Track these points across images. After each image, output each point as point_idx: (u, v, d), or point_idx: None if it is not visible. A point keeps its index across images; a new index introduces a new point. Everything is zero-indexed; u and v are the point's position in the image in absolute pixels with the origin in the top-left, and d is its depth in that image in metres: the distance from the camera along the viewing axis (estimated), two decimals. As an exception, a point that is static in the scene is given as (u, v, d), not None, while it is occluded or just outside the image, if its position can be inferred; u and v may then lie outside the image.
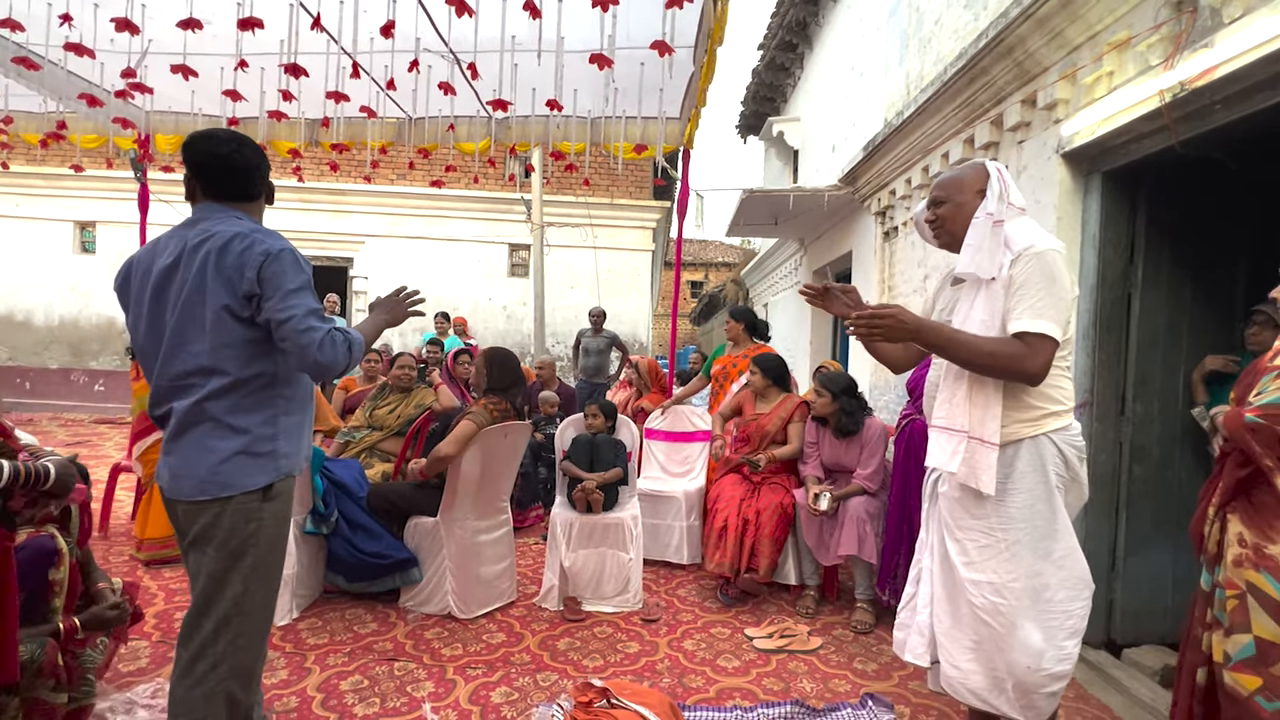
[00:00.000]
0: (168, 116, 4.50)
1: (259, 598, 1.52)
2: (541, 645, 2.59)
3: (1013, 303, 1.55)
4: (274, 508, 1.51)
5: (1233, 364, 2.44)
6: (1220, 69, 1.94)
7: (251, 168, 1.59)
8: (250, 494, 1.47)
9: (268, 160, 1.64)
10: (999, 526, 1.62)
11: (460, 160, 8.67)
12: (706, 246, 24.87)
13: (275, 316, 1.43)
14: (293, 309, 1.43)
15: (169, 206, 7.70)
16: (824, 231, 6.83)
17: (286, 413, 1.53)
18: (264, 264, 1.44)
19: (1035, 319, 1.52)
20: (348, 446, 3.72)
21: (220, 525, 1.46)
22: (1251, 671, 1.29)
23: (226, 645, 1.47)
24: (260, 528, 1.49)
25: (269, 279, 1.43)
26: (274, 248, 1.46)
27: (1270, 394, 1.35)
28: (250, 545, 1.48)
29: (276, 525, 1.53)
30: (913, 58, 4.56)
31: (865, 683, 2.37)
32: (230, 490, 1.45)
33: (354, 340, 1.52)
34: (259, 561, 1.50)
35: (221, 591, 1.47)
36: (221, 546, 1.46)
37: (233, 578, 1.48)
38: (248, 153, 1.58)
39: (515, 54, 3.42)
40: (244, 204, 1.60)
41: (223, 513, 1.46)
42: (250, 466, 1.47)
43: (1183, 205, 2.55)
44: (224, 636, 1.47)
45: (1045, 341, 1.51)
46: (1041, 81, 2.82)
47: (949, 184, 1.72)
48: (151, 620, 2.63)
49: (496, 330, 9.82)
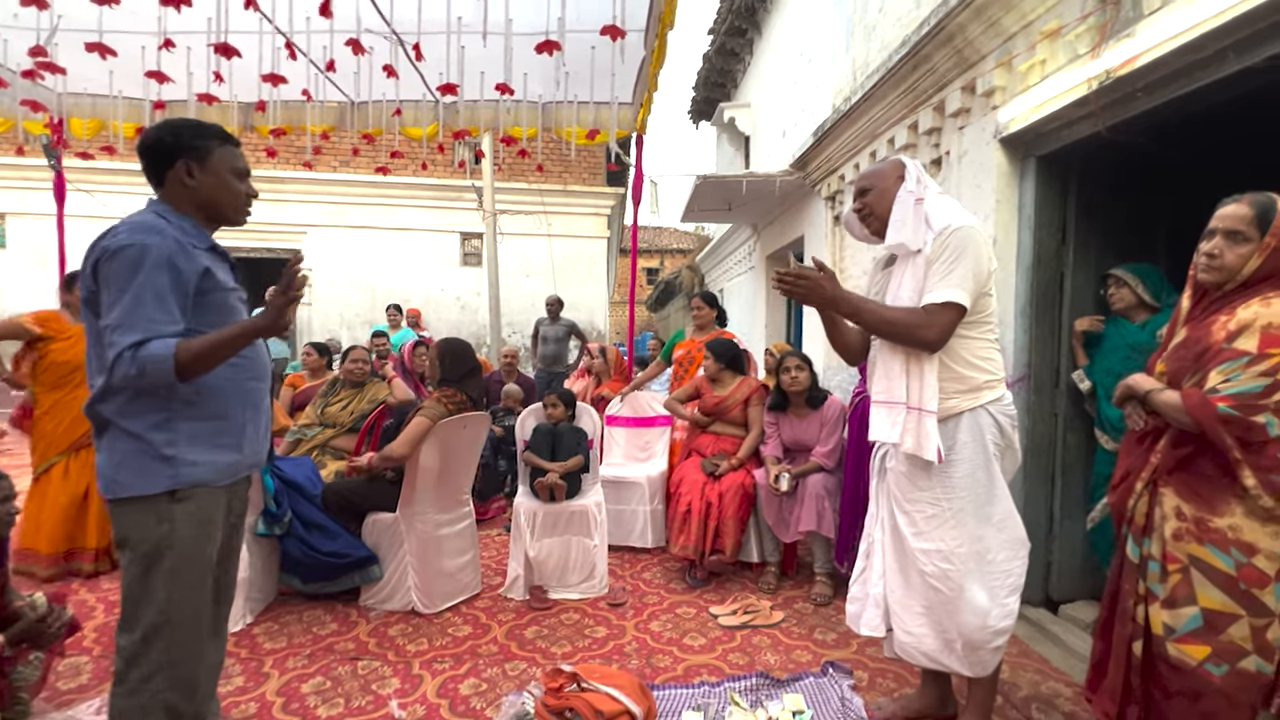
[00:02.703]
0: (83, 99, 4.19)
1: (186, 605, 1.44)
2: (509, 635, 2.59)
3: (929, 276, 1.66)
4: (188, 509, 1.42)
5: (1099, 323, 2.62)
6: (1141, 58, 2.05)
7: (155, 149, 1.46)
8: (154, 496, 1.40)
9: (185, 140, 1.46)
10: (944, 496, 1.71)
11: (407, 146, 8.41)
12: (661, 233, 24.92)
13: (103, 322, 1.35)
14: (108, 317, 1.33)
15: (89, 197, 7.21)
16: (776, 216, 6.94)
17: (188, 418, 1.42)
18: (99, 262, 1.35)
19: (945, 289, 1.62)
20: (299, 444, 3.60)
21: (131, 527, 1.40)
22: (1199, 641, 1.34)
23: (159, 654, 1.41)
24: (173, 530, 1.40)
25: (104, 279, 1.35)
26: (112, 245, 1.34)
27: (1242, 383, 1.32)
28: (165, 548, 1.40)
29: (197, 527, 1.44)
30: (858, 44, 4.65)
31: (826, 652, 2.47)
32: (129, 492, 1.39)
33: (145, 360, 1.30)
34: (179, 566, 1.42)
35: (145, 597, 1.41)
36: (135, 549, 1.41)
37: (153, 583, 1.40)
38: (154, 133, 1.47)
39: (462, 36, 3.33)
40: (159, 191, 1.50)
41: (131, 514, 1.40)
42: (145, 471, 1.39)
43: (1109, 187, 2.70)
44: (155, 645, 1.41)
45: (947, 310, 1.62)
46: (980, 69, 2.93)
47: (870, 175, 1.84)
48: (91, 635, 2.50)
49: (451, 321, 9.62)
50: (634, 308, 4.47)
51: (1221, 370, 1.36)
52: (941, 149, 3.37)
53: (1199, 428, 1.36)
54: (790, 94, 6.76)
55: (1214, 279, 1.44)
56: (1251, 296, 1.39)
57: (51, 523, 3.01)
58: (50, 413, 3.06)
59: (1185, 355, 1.46)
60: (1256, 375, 1.31)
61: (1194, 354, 1.44)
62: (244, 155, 1.56)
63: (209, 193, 1.49)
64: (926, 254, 1.67)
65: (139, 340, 1.31)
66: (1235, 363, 1.34)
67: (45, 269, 8.14)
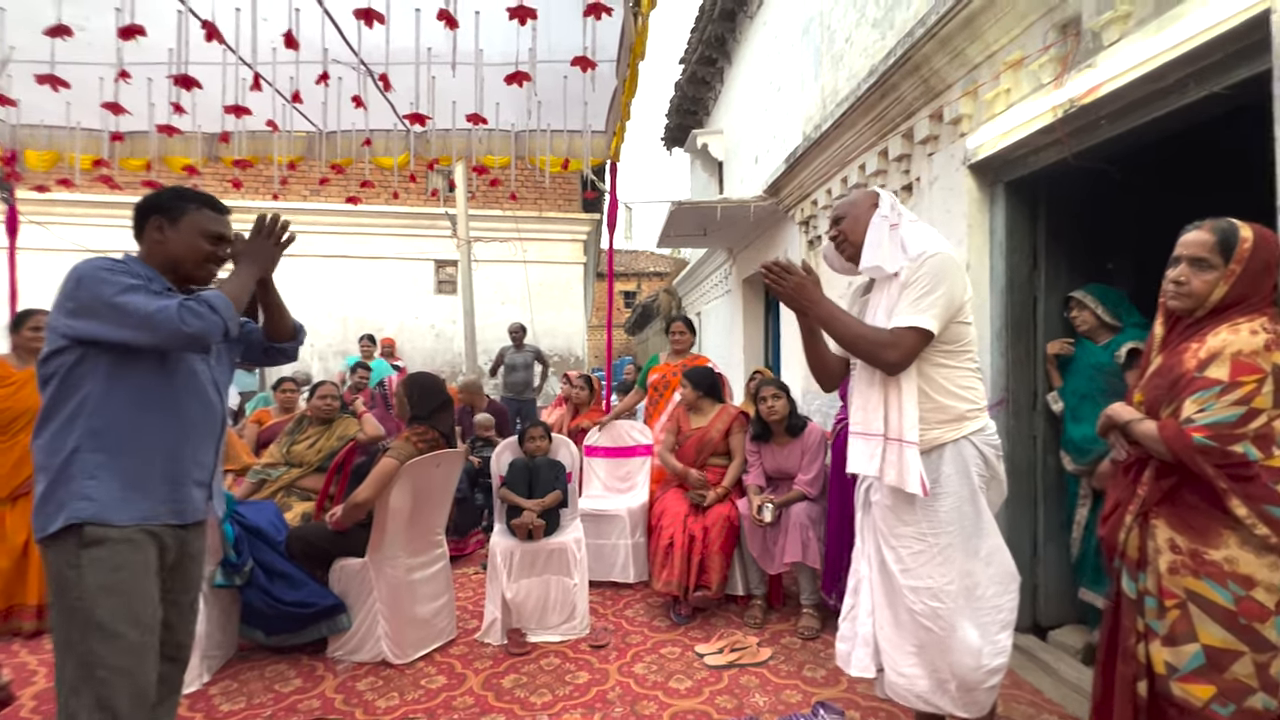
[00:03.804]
0: (39, 131, 4.06)
1: (113, 660, 1.33)
2: (485, 685, 2.46)
3: (901, 301, 1.64)
4: (95, 554, 1.33)
5: (1069, 345, 2.64)
6: (1103, 87, 2.09)
7: (138, 209, 1.55)
8: (60, 537, 1.33)
9: (164, 201, 1.55)
10: (929, 531, 1.66)
11: (378, 175, 8.33)
12: (638, 256, 25.04)
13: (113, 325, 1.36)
14: (129, 308, 1.35)
15: (43, 229, 7.01)
16: (751, 240, 6.99)
17: (93, 449, 1.37)
18: (79, 285, 1.37)
19: (912, 315, 1.61)
20: (262, 486, 3.44)
21: (49, 572, 1.36)
22: (1204, 680, 1.30)
23: (89, 712, 1.30)
24: (81, 576, 1.32)
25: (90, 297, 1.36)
26: (84, 270, 1.39)
27: (1216, 412, 1.30)
28: (75, 597, 1.32)
29: (109, 574, 1.34)
30: (827, 74, 4.74)
31: (816, 690, 2.39)
32: (40, 533, 1.35)
33: (210, 297, 1.44)
34: (99, 617, 1.32)
35: (68, 651, 1.33)
36: (53, 596, 1.36)
37: (72, 636, 1.33)
38: (151, 195, 1.57)
39: (432, 66, 3.30)
40: (138, 245, 1.56)
41: (47, 557, 1.36)
42: (48, 508, 1.35)
43: (1075, 212, 2.74)
44: (83, 699, 1.31)
45: (911, 334, 1.61)
46: (946, 97, 2.98)
47: (844, 205, 1.84)
48: (30, 703, 2.31)
49: (425, 350, 9.46)
50: (611, 333, 4.42)
51: (1196, 399, 1.34)
52: (912, 175, 3.41)
53: (1176, 458, 1.34)
54: (762, 121, 6.86)
55: (1183, 305, 1.44)
56: (1221, 323, 1.38)
57: None
58: None
59: (1160, 384, 1.45)
60: (1230, 404, 1.30)
61: (1168, 382, 1.42)
62: (227, 222, 1.62)
63: (174, 248, 1.54)
64: (902, 279, 1.66)
65: (183, 298, 1.39)
66: (1208, 392, 1.33)
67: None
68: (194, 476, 1.51)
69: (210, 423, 1.56)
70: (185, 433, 1.49)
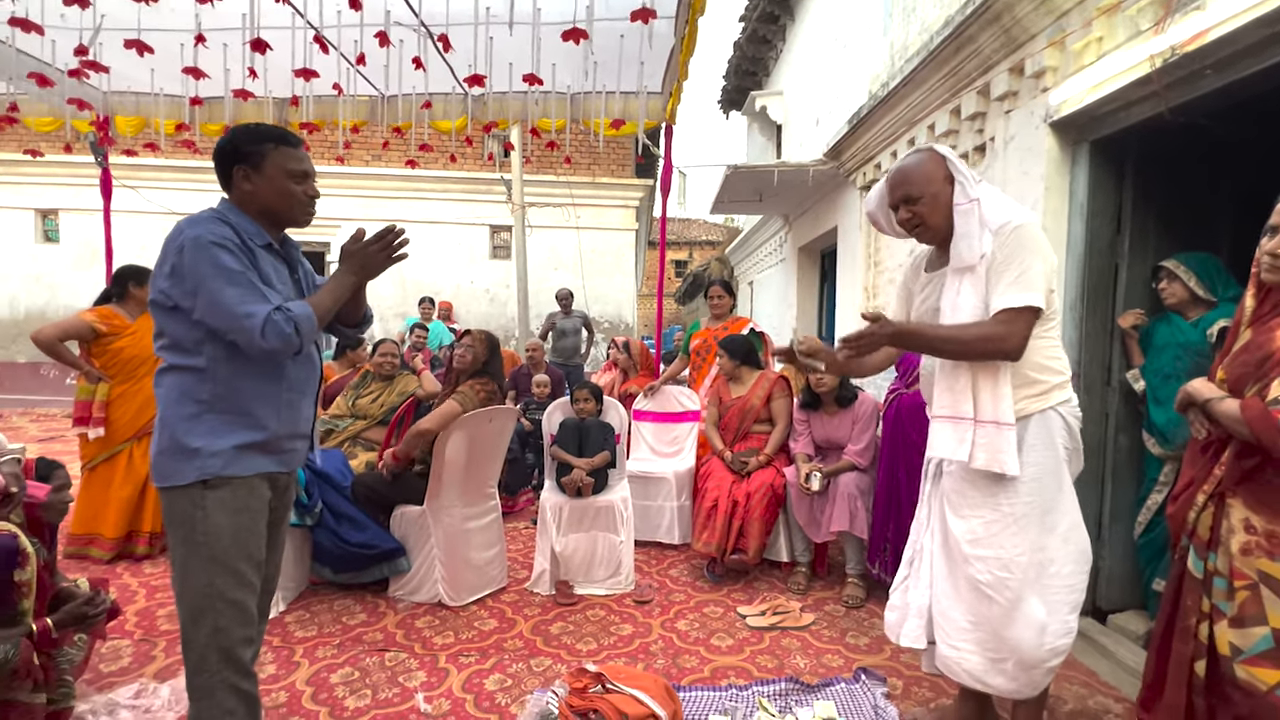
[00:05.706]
0: (127, 97, 4.31)
1: (227, 590, 1.46)
2: (534, 630, 2.57)
3: (995, 280, 1.55)
4: (220, 496, 1.45)
5: (1142, 317, 2.48)
6: (1212, 32, 1.90)
7: (218, 155, 1.54)
8: (187, 485, 1.43)
9: (240, 145, 1.52)
10: (1006, 501, 1.61)
11: (436, 139, 8.46)
12: (690, 225, 24.68)
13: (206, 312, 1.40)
14: (222, 303, 1.38)
15: (134, 193, 7.45)
16: (809, 207, 6.78)
17: (219, 412, 1.45)
18: (181, 254, 1.40)
19: (1019, 293, 1.52)
20: (330, 435, 3.65)
21: (171, 512, 1.46)
22: (1270, 664, 1.25)
23: (206, 636, 1.44)
24: (207, 516, 1.43)
25: (190, 272, 1.39)
26: (189, 238, 1.40)
27: None
28: (200, 534, 1.43)
29: (231, 515, 1.46)
30: (897, 27, 4.48)
31: (858, 657, 2.39)
32: (166, 482, 1.44)
33: (299, 317, 1.43)
34: (216, 552, 1.44)
35: (187, 581, 1.45)
36: (175, 534, 1.46)
37: (193, 566, 1.44)
38: (221, 139, 1.55)
39: (490, 27, 3.30)
40: (227, 193, 1.57)
41: (171, 500, 1.45)
42: (177, 462, 1.43)
43: (1168, 172, 2.53)
44: (201, 627, 1.44)
45: (1024, 314, 1.52)
46: (1029, 49, 2.77)
47: (918, 179, 1.65)
48: (133, 618, 2.57)
49: (479, 314, 9.69)
50: (662, 301, 4.41)
51: None
52: (986, 134, 3.21)
53: (1258, 440, 1.26)
54: (824, 81, 6.57)
55: (1279, 280, 1.32)
56: None
57: (115, 509, 3.19)
58: (116, 403, 3.23)
59: (1247, 361, 1.35)
60: None
61: (1256, 360, 1.33)
62: (305, 155, 1.59)
63: (264, 197, 1.53)
64: (987, 258, 1.56)
65: (276, 306, 1.41)
66: None
67: (95, 264, 8.44)
68: (300, 430, 1.61)
69: (313, 380, 1.64)
70: (295, 390, 1.57)
